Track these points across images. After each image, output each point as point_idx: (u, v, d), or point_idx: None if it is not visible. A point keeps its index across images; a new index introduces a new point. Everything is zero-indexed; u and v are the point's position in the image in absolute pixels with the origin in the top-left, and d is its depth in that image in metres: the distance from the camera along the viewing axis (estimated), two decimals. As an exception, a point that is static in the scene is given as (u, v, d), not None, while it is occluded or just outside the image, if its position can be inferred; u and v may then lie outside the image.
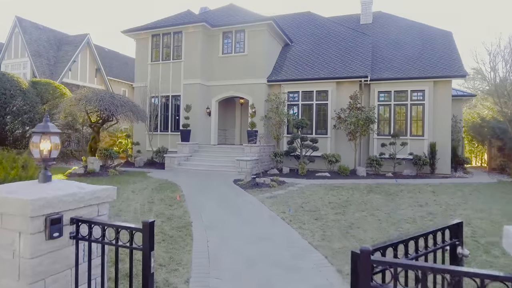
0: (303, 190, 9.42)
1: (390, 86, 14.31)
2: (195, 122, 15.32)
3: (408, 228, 5.73)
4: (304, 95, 15.03)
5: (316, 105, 14.77)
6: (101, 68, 23.26)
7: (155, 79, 16.27)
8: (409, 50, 15.76)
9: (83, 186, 2.25)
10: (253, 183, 9.78)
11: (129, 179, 10.79)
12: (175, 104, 16.18)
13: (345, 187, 10.09)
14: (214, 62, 16.12)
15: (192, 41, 15.70)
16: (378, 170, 13.06)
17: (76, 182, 2.41)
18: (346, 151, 14.02)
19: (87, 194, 2.16)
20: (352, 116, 12.90)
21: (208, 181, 10.66)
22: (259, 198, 8.14)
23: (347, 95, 14.13)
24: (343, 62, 15.21)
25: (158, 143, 16.20)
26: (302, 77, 14.95)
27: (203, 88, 15.85)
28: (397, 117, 14.30)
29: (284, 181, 10.68)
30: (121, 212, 6.50)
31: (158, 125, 16.28)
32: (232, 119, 18.43)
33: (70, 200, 2.04)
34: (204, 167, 13.24)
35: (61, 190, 2.07)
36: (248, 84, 15.40)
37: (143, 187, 9.33)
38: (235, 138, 18.25)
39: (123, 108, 11.70)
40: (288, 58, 16.73)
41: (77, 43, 21.80)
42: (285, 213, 6.62)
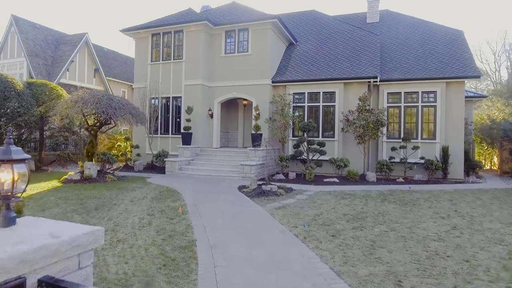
0: (313, 198, 8.84)
1: (400, 87, 13.74)
2: (196, 125, 14.75)
3: (436, 247, 5.16)
4: (310, 96, 14.45)
5: (322, 107, 14.19)
6: (99, 68, 22.68)
7: (155, 80, 15.70)
8: (418, 49, 15.18)
9: (59, 232, 1.66)
10: (259, 190, 9.20)
11: (127, 186, 10.22)
12: (176, 106, 15.61)
13: (357, 195, 9.52)
14: (216, 62, 15.55)
15: (193, 40, 15.13)
16: (388, 175, 12.49)
17: (50, 222, 1.83)
18: (354, 155, 13.45)
19: (63, 244, 1.59)
20: (362, 119, 12.33)
21: (211, 188, 10.09)
22: (267, 208, 7.56)
23: (355, 97, 13.57)
24: (351, 62, 14.64)
25: (159, 146, 15.63)
26: (308, 78, 14.38)
27: (205, 89, 15.28)
28: (407, 120, 13.72)
29: (291, 188, 10.10)
30: (117, 227, 5.93)
31: (158, 127, 15.71)
32: (234, 121, 17.86)
33: (38, 257, 1.46)
34: (207, 172, 12.67)
35: (26, 242, 1.50)
36: (252, 85, 14.82)
37: (142, 196, 8.75)
38: (238, 140, 17.67)
39: (122, 111, 11.13)
40: (293, 58, 16.16)
41: (75, 42, 21.22)
42: (297, 228, 6.04)
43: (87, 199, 8.26)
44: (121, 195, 8.84)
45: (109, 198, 8.36)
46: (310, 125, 12.59)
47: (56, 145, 16.89)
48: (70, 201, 7.95)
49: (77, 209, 7.19)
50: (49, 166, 15.60)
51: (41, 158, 15.24)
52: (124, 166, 15.24)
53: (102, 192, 9.21)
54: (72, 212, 6.97)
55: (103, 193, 9.07)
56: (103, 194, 8.92)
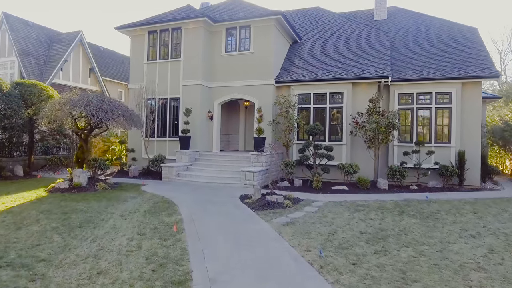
0: (323, 211, 7.99)
1: (412, 88, 12.89)
2: (195, 127, 13.91)
3: (479, 280, 4.31)
4: (316, 97, 13.60)
5: (329, 108, 13.34)
6: (95, 67, 21.82)
7: (152, 80, 14.85)
8: (430, 48, 14.33)
9: None
10: (264, 202, 8.35)
11: (119, 196, 9.36)
12: (174, 107, 14.76)
13: (371, 206, 8.67)
14: (217, 61, 14.70)
15: (192, 38, 14.27)
16: (401, 182, 11.64)
17: None
18: (364, 160, 12.60)
19: None
20: (372, 122, 11.48)
21: (211, 198, 9.24)
22: (274, 225, 6.71)
23: (364, 98, 12.74)
24: (359, 61, 13.79)
25: (155, 150, 14.78)
26: (314, 78, 13.52)
27: (204, 90, 14.43)
28: (420, 122, 12.87)
29: (298, 198, 9.25)
30: (101, 252, 5.07)
31: (155, 130, 14.86)
32: (235, 123, 17.00)
33: None
34: (206, 178, 11.82)
35: None
36: (254, 86, 13.97)
37: (134, 208, 7.90)
38: (239, 144, 16.82)
39: (114, 114, 10.28)
40: (297, 57, 15.31)
41: (69, 41, 20.36)
42: (311, 252, 5.19)
43: (72, 213, 7.40)
44: (111, 207, 7.99)
45: (97, 212, 7.50)
46: (317, 128, 11.74)
47: (47, 149, 16.03)
48: (52, 216, 7.09)
49: (59, 227, 6.33)
50: (39, 171, 14.75)
51: (30, 162, 14.39)
52: (118, 172, 14.38)
53: (91, 203, 8.36)
54: (52, 231, 6.12)
55: (92, 205, 8.21)
56: (91, 206, 8.07)
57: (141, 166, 14.40)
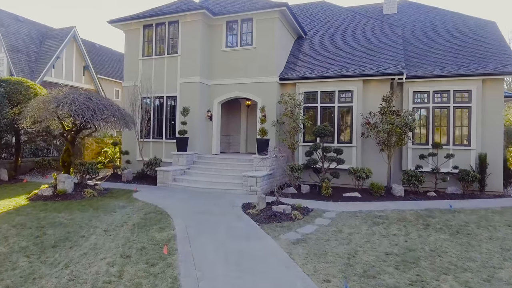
0: (338, 224, 7.01)
1: (427, 86, 11.90)
2: (193, 128, 12.94)
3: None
4: (324, 96, 12.62)
5: (338, 108, 12.36)
6: (89, 65, 20.86)
7: (147, 77, 13.88)
8: (446, 43, 13.35)
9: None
10: (269, 213, 7.37)
11: (108, 204, 8.39)
12: (171, 106, 13.79)
13: (389, 217, 7.69)
14: (216, 57, 13.72)
15: (190, 32, 13.30)
16: (418, 188, 10.66)
17: None
18: (375, 164, 11.63)
19: None
20: (386, 122, 10.51)
21: (210, 208, 8.27)
22: (282, 243, 5.74)
23: (376, 96, 11.77)
24: (370, 57, 12.80)
25: (151, 152, 13.81)
26: (321, 75, 12.54)
27: (203, 88, 13.46)
28: (436, 123, 11.89)
29: (307, 207, 8.27)
30: (72, 283, 4.10)
31: (150, 131, 13.89)
32: (236, 123, 16.03)
33: None
34: (204, 184, 10.84)
35: None
36: (257, 83, 12.99)
37: (122, 221, 6.93)
38: (241, 145, 15.84)
39: (103, 113, 9.31)
40: (302, 53, 14.33)
41: (61, 37, 19.40)
42: (331, 284, 4.22)
43: (49, 227, 6.43)
44: (96, 219, 7.02)
45: (78, 226, 6.53)
46: (326, 129, 10.76)
47: (37, 151, 15.07)
48: (25, 232, 6.12)
49: (29, 247, 5.36)
50: (27, 174, 13.79)
51: (17, 165, 13.43)
52: (111, 175, 13.42)
53: (74, 214, 7.38)
54: (20, 252, 5.15)
55: (74, 216, 7.24)
56: (73, 218, 7.09)
57: (136, 169, 13.43)
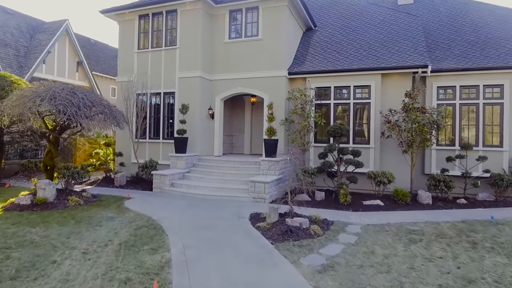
0: (367, 242, 5.81)
1: (453, 80, 10.70)
2: (193, 127, 11.75)
3: None
4: (338, 91, 11.42)
5: (353, 105, 11.16)
6: (83, 61, 19.66)
7: (143, 72, 12.69)
8: (470, 34, 12.15)
9: None
10: (284, 228, 6.18)
11: (93, 216, 7.20)
12: (169, 104, 12.60)
13: (425, 231, 6.50)
14: (219, 49, 12.53)
15: (190, 22, 12.11)
16: (446, 195, 9.45)
17: None
18: (396, 167, 10.43)
19: None
20: (410, 121, 9.30)
21: (212, 220, 7.07)
22: (305, 271, 4.54)
23: (396, 92, 10.59)
24: (387, 49, 11.60)
25: (147, 153, 12.62)
26: (335, 68, 11.34)
27: (204, 83, 12.26)
28: (463, 121, 10.69)
29: (326, 219, 7.08)
30: None
31: (146, 130, 12.70)
32: (240, 122, 14.83)
33: None
34: (206, 190, 9.64)
35: None
36: (263, 78, 11.80)
37: (107, 239, 5.73)
38: (245, 146, 14.64)
39: (90, 110, 8.11)
40: (312, 45, 13.13)
41: (53, 30, 18.21)
42: None
43: (16, 247, 5.24)
44: (76, 236, 5.83)
45: (52, 246, 5.34)
46: (342, 128, 9.56)
47: (24, 152, 13.88)
48: (-16, 254, 4.93)
49: (-19, 278, 4.17)
50: (11, 178, 12.59)
51: (0, 168, 12.23)
52: (103, 179, 12.22)
53: (50, 229, 6.19)
54: (-34, 286, 3.96)
55: (50, 232, 6.05)
56: (48, 235, 5.90)
57: (130, 172, 12.24)
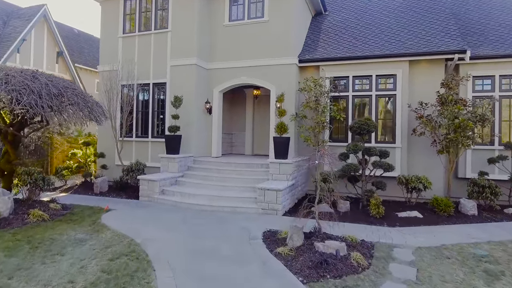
0: (433, 279, 4.19)
1: (492, 69, 9.19)
2: (188, 123, 10.04)
3: None
4: (357, 82, 9.81)
5: (376, 97, 9.56)
6: (64, 51, 17.73)
7: (129, 59, 10.91)
8: (506, 17, 10.67)
9: None
10: (315, 257, 4.52)
11: (56, 239, 5.44)
12: (159, 96, 10.85)
13: (498, 258, 4.91)
14: (218, 33, 10.82)
15: (184, 1, 10.37)
16: (493, 203, 7.90)
17: None
18: (426, 170, 8.86)
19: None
20: (451, 115, 7.74)
21: (214, 242, 5.37)
22: None
23: (426, 82, 9.07)
24: (413, 34, 10.03)
25: (134, 154, 10.86)
26: (354, 55, 9.73)
27: (201, 73, 10.54)
28: (504, 116, 9.18)
29: (364, 241, 5.45)
30: None
31: (133, 127, 10.93)
32: (241, 118, 13.12)
33: None
34: (204, 199, 7.93)
35: None
36: (269, 66, 10.13)
37: (66, 279, 3.99)
38: (246, 146, 12.95)
39: (57, 100, 6.34)
40: (323, 31, 11.50)
41: (29, 16, 16.26)
42: None
43: None
44: (23, 274, 4.08)
45: (-20, 294, 3.60)
46: (370, 124, 7.94)
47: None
48: None
49: None
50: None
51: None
52: (81, 185, 10.42)
53: (-10, 262, 4.43)
54: None
55: None
56: (-17, 271, 4.14)
57: (114, 177, 10.46)
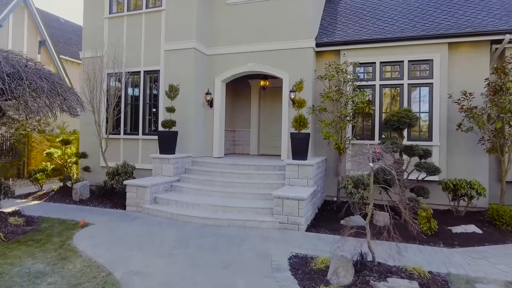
0: None
1: (546, 53, 7.78)
2: (186, 118, 8.51)
3: None
4: (385, 69, 8.35)
5: (408, 86, 8.10)
6: (47, 40, 16.05)
7: (117, 44, 9.34)
8: (550, -4, 9.29)
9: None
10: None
11: (3, 274, 3.87)
12: (151, 87, 9.29)
13: None
14: (220, 13, 9.30)
15: (180, -26, 8.84)
16: (559, 215, 6.48)
17: None
18: (470, 173, 7.43)
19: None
20: (505, 106, 6.31)
21: (227, 279, 3.84)
22: None
23: (467, 69, 7.63)
24: (448, 14, 8.59)
25: (121, 154, 9.30)
26: (382, 37, 8.26)
27: (201, 59, 9.01)
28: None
29: (431, 272, 3.97)
30: None
31: (121, 122, 9.36)
32: (244, 113, 11.60)
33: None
34: (206, 210, 6.38)
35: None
36: (282, 51, 8.63)
37: None
38: (251, 145, 11.43)
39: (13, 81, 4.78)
40: (340, 13, 10.03)
41: (6, 0, 14.56)
42: None
43: None
44: None
45: None
46: (411, 117, 6.48)
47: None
48: None
49: None
50: None
51: None
52: (59, 190, 8.82)
53: None
54: None
55: None
56: None
57: (98, 181, 8.88)
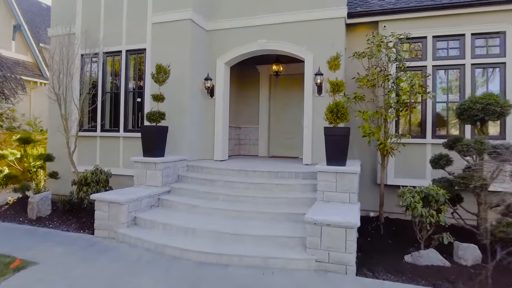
0: None
1: None
2: (179, 110, 6.57)
3: None
4: (439, 45, 6.42)
5: (472, 67, 6.17)
6: (23, 25, 14.07)
7: (92, 19, 7.39)
8: None
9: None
10: None
11: None
12: (135, 71, 7.34)
13: None
14: (222, -22, 7.37)
15: None
16: None
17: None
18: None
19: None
20: None
21: None
22: None
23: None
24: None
25: (98, 156, 7.34)
26: (435, 3, 6.32)
27: (198, 35, 7.05)
28: None
29: None
30: None
31: (97, 116, 7.40)
32: (251, 107, 9.63)
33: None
34: (207, 240, 4.42)
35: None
36: (303, 23, 6.70)
37: None
38: (259, 145, 9.46)
39: None
40: (370, -19, 8.10)
41: (-27, -23, 12.59)
42: None
43: None
44: None
45: None
46: (503, 104, 4.54)
47: None
48: None
49: None
50: None
51: None
52: (16, 202, 6.85)
53: None
54: None
55: None
56: None
57: (66, 191, 6.92)
